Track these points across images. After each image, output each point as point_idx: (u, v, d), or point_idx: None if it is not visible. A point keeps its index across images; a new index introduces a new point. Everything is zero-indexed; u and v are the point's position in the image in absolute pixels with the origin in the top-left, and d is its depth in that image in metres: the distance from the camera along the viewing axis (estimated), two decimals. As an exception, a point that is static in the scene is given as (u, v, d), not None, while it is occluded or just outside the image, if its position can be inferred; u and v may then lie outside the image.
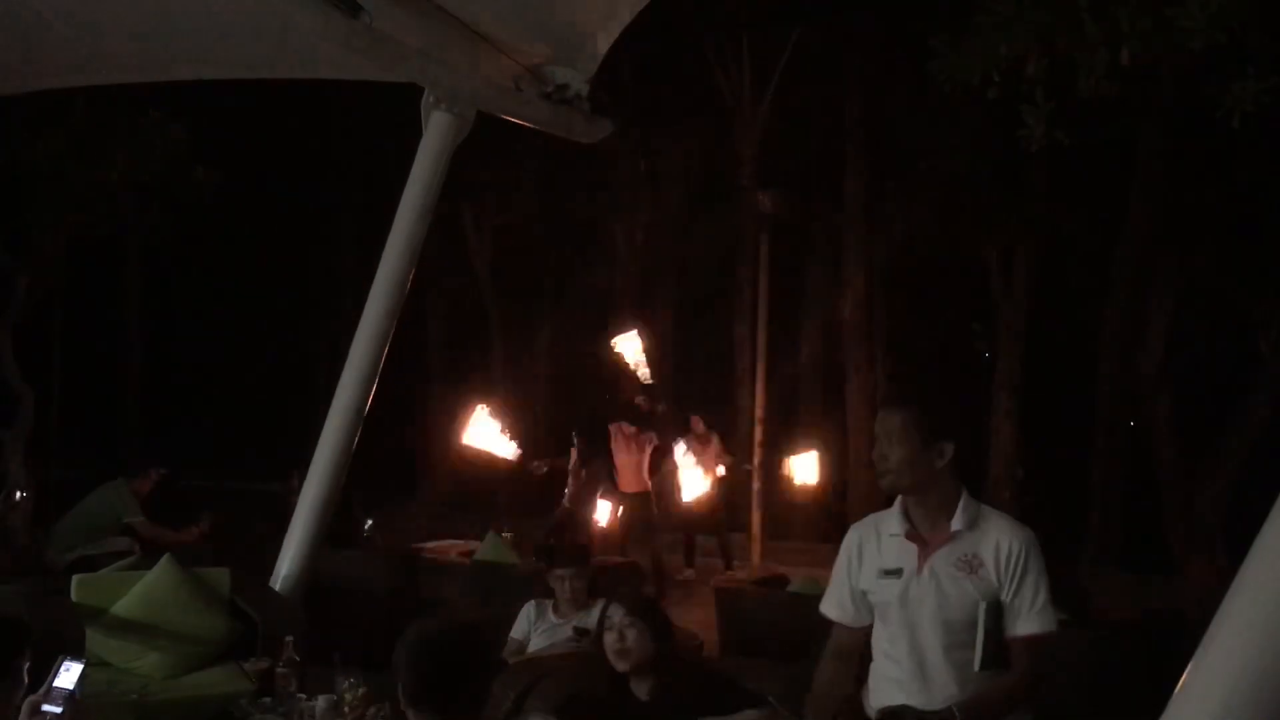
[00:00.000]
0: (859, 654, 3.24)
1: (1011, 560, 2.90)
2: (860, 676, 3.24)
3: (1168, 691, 2.38)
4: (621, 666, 3.45)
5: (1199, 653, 2.36)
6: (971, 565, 2.90)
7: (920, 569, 2.97)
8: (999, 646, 2.87)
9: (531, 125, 6.18)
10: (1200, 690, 2.32)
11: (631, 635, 3.44)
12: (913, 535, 3.01)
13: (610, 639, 3.47)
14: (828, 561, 7.48)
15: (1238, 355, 14.14)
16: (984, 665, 2.84)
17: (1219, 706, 2.27)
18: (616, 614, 3.50)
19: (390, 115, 10.85)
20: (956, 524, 2.96)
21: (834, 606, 3.25)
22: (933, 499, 2.98)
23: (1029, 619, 2.88)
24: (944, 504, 3.00)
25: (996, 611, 2.86)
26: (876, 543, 3.09)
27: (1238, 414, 13.17)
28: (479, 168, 14.87)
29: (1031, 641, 2.87)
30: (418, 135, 6.03)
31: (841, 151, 14.69)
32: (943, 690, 2.91)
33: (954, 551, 2.94)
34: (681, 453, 9.91)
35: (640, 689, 3.46)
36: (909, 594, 2.97)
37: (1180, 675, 2.37)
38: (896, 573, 3.02)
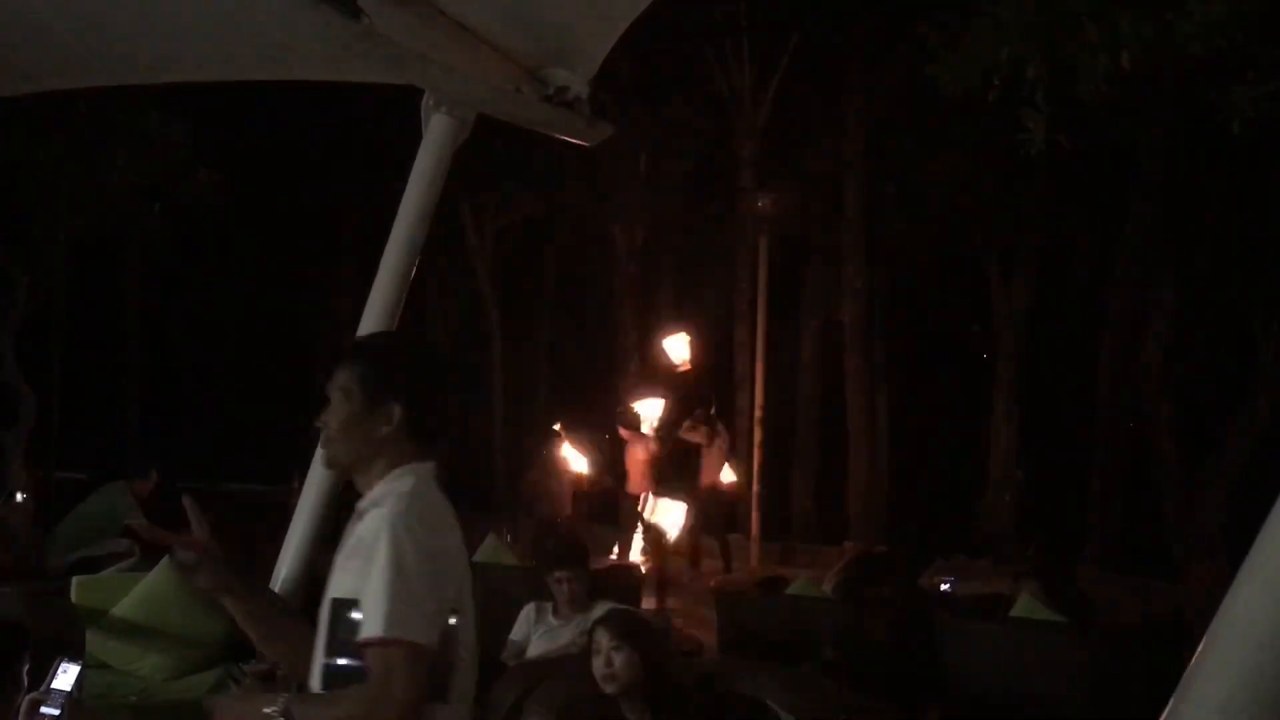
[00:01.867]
0: None
1: (364, 544, 2.23)
2: None
3: (1168, 695, 2.38)
4: (610, 690, 3.35)
5: (1198, 656, 2.36)
6: (357, 550, 2.26)
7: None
8: (347, 652, 2.22)
9: (532, 128, 6.18)
10: (1199, 693, 2.32)
11: (619, 659, 3.33)
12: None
13: (598, 664, 3.36)
14: (828, 562, 7.50)
15: (1238, 359, 14.13)
16: (325, 676, 2.27)
17: (1218, 710, 2.26)
18: (603, 637, 3.38)
19: (390, 118, 10.88)
20: (364, 502, 2.36)
21: None
22: (376, 474, 2.35)
23: (367, 620, 2.16)
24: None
25: (341, 608, 2.24)
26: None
27: (1238, 417, 13.16)
28: (479, 170, 14.90)
29: (368, 647, 2.16)
30: (418, 137, 6.03)
31: (841, 153, 14.69)
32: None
33: (350, 533, 2.34)
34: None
35: (633, 713, 3.36)
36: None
37: (1179, 678, 2.37)
38: None
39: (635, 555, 10.31)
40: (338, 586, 2.25)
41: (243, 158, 14.49)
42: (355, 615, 2.16)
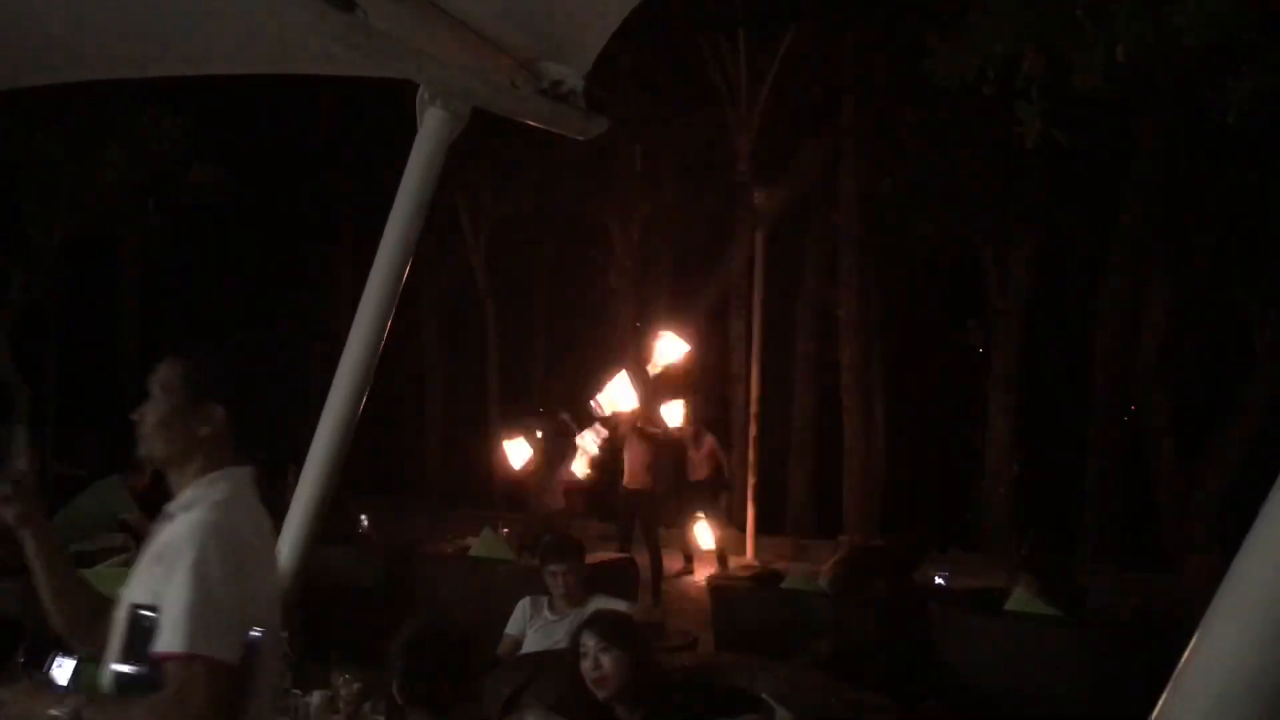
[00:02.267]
0: None
1: (170, 550, 2.12)
2: None
3: (1162, 687, 2.38)
4: (601, 694, 3.33)
5: (1192, 648, 2.36)
6: (163, 555, 2.15)
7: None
8: (142, 660, 2.08)
9: (528, 122, 6.18)
10: (1193, 685, 2.32)
11: (607, 661, 3.31)
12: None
13: (586, 667, 3.34)
14: (824, 556, 7.49)
15: (1234, 352, 14.16)
16: (118, 682, 2.14)
17: (1212, 701, 2.27)
18: (590, 640, 3.36)
19: (385, 112, 10.84)
20: (174, 504, 2.28)
21: None
22: (190, 475, 2.29)
23: (166, 632, 2.03)
24: None
25: (140, 614, 2.11)
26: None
27: (1234, 410, 13.18)
28: (475, 164, 14.88)
29: (166, 661, 2.02)
30: (413, 132, 6.03)
31: (838, 148, 14.69)
32: None
33: (157, 536, 2.24)
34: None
35: (624, 711, 3.34)
36: None
37: (1173, 671, 2.38)
38: None
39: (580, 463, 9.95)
40: (138, 591, 2.14)
41: (240, 153, 14.47)
42: (153, 623, 2.04)
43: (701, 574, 10.86)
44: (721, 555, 11.59)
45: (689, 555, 11.64)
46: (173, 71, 6.27)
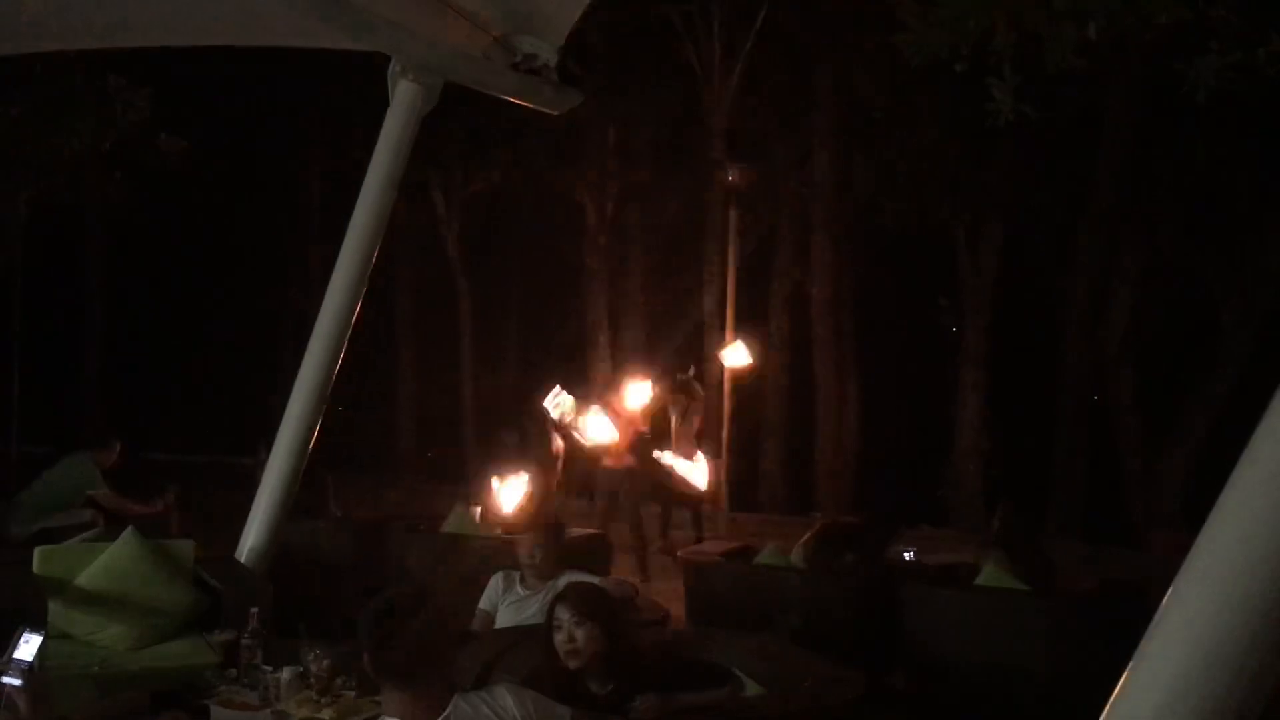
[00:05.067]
0: None
1: None
2: None
3: (1128, 658, 2.41)
4: (573, 665, 3.40)
5: (1158, 619, 2.40)
6: None
7: None
8: None
9: (500, 95, 6.14)
10: (1159, 655, 2.36)
11: (581, 634, 3.39)
12: None
13: (559, 639, 3.42)
14: (797, 533, 7.52)
15: (1201, 329, 14.31)
16: None
17: (1177, 670, 2.31)
18: (564, 613, 3.43)
19: (358, 84, 10.73)
20: None
21: None
22: None
23: None
24: None
25: None
26: None
27: (1200, 388, 13.34)
28: (448, 139, 14.78)
29: None
30: (385, 104, 5.97)
31: (811, 125, 14.68)
32: None
33: None
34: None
35: (597, 686, 3.41)
36: None
37: (1137, 643, 2.41)
38: None
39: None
40: None
41: (207, 123, 14.29)
42: None
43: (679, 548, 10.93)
44: (698, 521, 11.70)
45: (700, 529, 11.68)
46: (146, 43, 6.20)
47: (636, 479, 10.68)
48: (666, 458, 10.97)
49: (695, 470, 10.91)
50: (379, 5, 5.05)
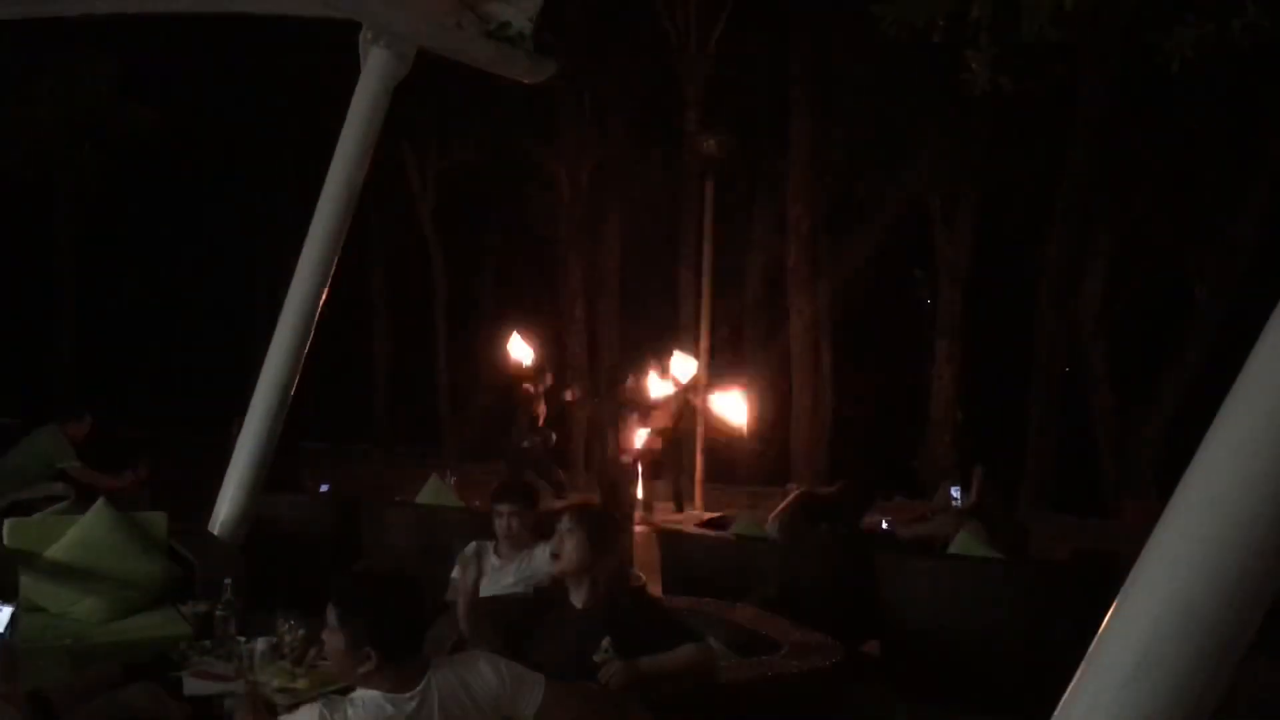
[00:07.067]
0: None
1: None
2: None
3: (1098, 624, 2.44)
4: (555, 569, 3.55)
5: (1127, 586, 2.42)
6: None
7: None
8: None
9: (473, 64, 6.07)
10: (1129, 621, 2.38)
11: (570, 542, 3.50)
12: None
13: (552, 544, 3.57)
14: (770, 503, 7.53)
15: (1174, 302, 14.42)
16: None
17: (1147, 637, 2.33)
18: (563, 522, 3.57)
19: (329, 51, 10.59)
20: None
21: None
22: None
23: None
24: None
25: None
26: None
27: (1172, 360, 13.45)
28: (421, 110, 14.64)
29: None
30: (357, 72, 5.91)
31: (787, 96, 14.62)
32: None
33: None
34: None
35: (577, 597, 3.52)
36: None
37: (1108, 610, 2.43)
38: None
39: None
40: None
41: (177, 91, 14.11)
42: None
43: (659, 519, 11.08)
44: (677, 498, 11.85)
45: (648, 505, 11.77)
46: (113, 9, 6.09)
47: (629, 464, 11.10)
48: (713, 399, 12.30)
49: (735, 408, 12.24)
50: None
